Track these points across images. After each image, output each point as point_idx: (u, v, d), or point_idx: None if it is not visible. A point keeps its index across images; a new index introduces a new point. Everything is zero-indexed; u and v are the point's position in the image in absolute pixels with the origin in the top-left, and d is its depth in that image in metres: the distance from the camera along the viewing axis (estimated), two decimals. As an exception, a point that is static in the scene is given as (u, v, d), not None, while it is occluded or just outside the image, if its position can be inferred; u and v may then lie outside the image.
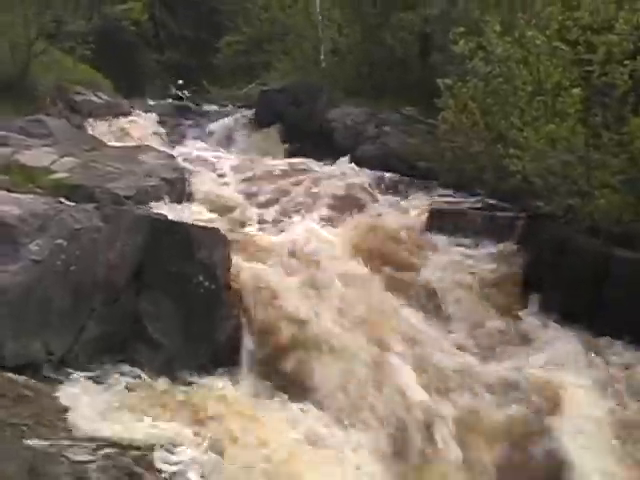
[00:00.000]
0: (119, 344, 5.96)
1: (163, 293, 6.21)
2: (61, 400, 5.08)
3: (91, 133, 13.44)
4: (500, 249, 8.46)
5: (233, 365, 6.28)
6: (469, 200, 9.78)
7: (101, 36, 17.55)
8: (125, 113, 16.00)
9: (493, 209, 9.21)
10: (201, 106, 18.74)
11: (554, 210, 8.05)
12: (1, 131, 9.81)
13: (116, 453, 4.36)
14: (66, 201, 6.72)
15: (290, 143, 13.88)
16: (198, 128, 16.36)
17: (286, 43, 19.73)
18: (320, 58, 16.95)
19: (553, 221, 8.09)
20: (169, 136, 15.43)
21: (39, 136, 10.25)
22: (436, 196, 10.19)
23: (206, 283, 6.34)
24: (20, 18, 13.85)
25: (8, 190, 6.71)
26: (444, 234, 8.89)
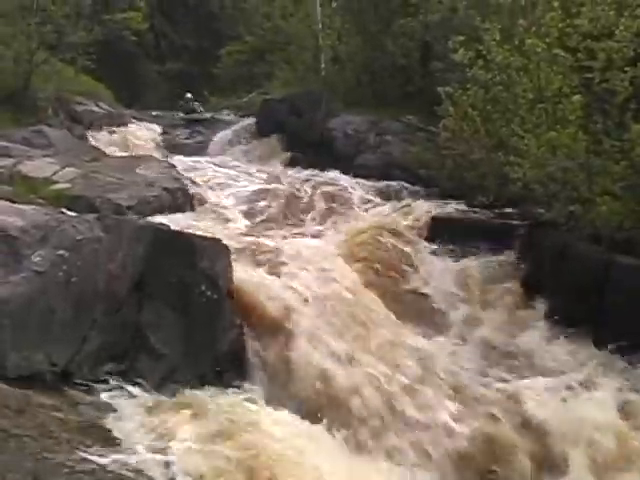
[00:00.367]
0: (121, 354, 5.95)
1: (165, 303, 6.19)
2: (65, 411, 5.07)
3: (92, 143, 13.50)
4: (501, 256, 8.46)
5: (236, 375, 6.27)
6: (470, 207, 9.78)
7: (102, 47, 17.58)
8: (126, 123, 16.07)
9: (494, 216, 9.21)
10: (214, 116, 18.63)
11: (555, 217, 8.06)
12: (3, 142, 9.88)
13: (120, 466, 4.35)
14: (68, 212, 6.73)
15: (291, 152, 13.90)
16: (200, 137, 16.42)
17: (287, 52, 19.77)
18: (321, 67, 16.97)
19: (554, 228, 8.09)
20: (171, 146, 15.48)
21: (41, 147, 10.33)
22: (437, 204, 10.18)
23: (208, 293, 6.32)
24: (22, 29, 13.90)
25: (11, 201, 6.73)
26: (445, 241, 8.91)
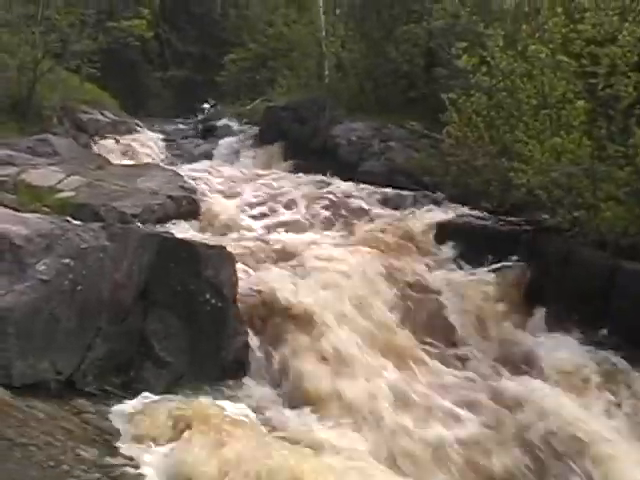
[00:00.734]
0: (126, 363, 5.96)
1: (170, 311, 6.20)
2: (70, 420, 5.08)
3: (97, 152, 13.54)
4: (506, 262, 8.44)
5: (242, 382, 6.27)
6: (474, 214, 9.77)
7: (107, 55, 17.64)
8: (131, 131, 16.12)
9: (498, 222, 9.20)
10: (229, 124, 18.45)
11: (560, 223, 8.04)
12: (8, 150, 9.90)
13: (125, 475, 4.35)
14: (72, 220, 6.74)
15: (295, 159, 13.89)
16: (205, 145, 16.45)
17: (290, 59, 19.80)
18: (324, 74, 16.98)
19: (559, 234, 8.08)
20: (176, 154, 15.52)
21: (45, 155, 10.35)
22: (442, 210, 10.18)
23: (213, 301, 6.33)
24: (26, 38, 13.96)
25: (15, 209, 6.75)
26: (449, 248, 8.91)
